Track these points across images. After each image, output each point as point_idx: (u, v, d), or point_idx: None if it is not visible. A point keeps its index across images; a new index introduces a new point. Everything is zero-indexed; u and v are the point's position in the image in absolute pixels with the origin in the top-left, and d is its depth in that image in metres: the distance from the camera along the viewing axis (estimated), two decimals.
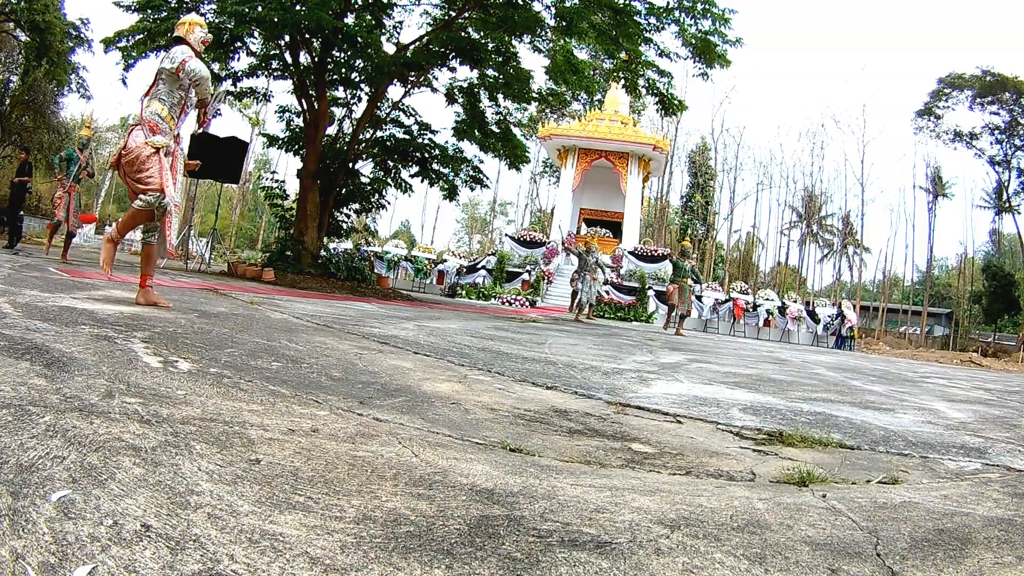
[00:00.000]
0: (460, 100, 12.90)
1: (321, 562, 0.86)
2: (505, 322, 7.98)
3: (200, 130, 4.23)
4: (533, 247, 22.93)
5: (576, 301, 12.29)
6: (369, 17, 12.11)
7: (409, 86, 12.89)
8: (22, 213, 10.90)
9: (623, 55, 11.36)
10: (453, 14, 11.75)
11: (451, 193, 14.16)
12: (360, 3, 11.98)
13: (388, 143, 13.45)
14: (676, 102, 12.14)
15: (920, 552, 1.13)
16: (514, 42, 11.63)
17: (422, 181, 13.90)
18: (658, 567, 0.97)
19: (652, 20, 10.83)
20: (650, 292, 19.47)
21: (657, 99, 12.32)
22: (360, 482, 1.22)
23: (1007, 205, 32.45)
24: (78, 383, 1.67)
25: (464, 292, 20.20)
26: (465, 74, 12.72)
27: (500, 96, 12.75)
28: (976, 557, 1.13)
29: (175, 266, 12.10)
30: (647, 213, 36.43)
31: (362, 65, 12.22)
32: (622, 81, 12.30)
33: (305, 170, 12.11)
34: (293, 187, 15.39)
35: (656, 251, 22.85)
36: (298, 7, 9.98)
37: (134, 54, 11.22)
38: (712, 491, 1.45)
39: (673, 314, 12.94)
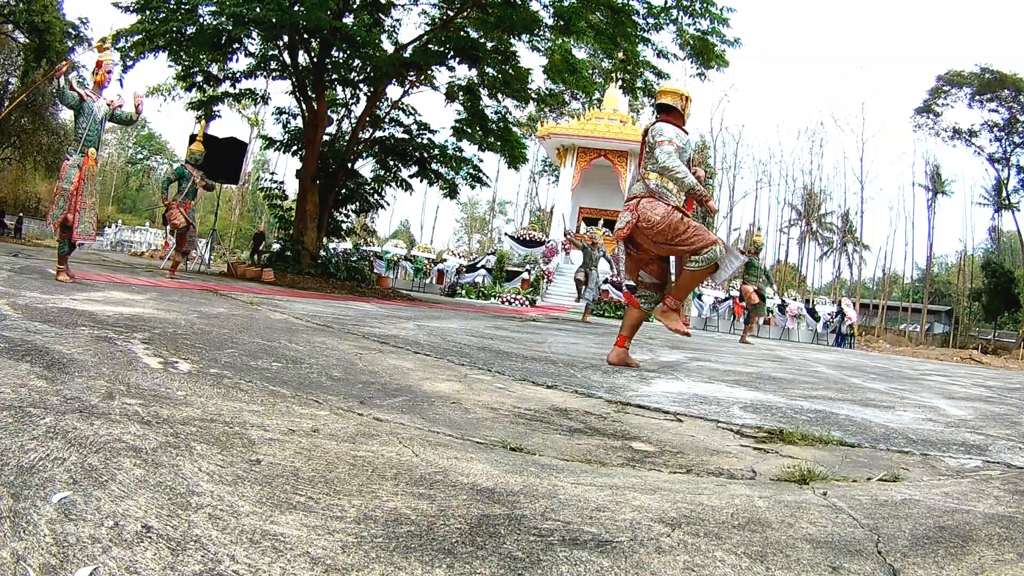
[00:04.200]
0: (461, 98, 12.90)
1: (322, 562, 0.86)
2: (505, 321, 7.98)
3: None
4: (532, 246, 22.93)
5: (587, 304, 12.08)
6: (367, 16, 12.11)
7: (408, 85, 12.89)
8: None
9: (620, 55, 11.36)
10: (451, 14, 11.75)
11: (451, 192, 14.20)
12: (359, 3, 11.97)
13: (388, 143, 13.45)
14: None
15: (921, 549, 1.13)
16: (513, 41, 11.63)
17: (421, 181, 13.92)
18: (659, 565, 0.97)
19: (650, 20, 10.83)
20: None
21: (653, 101, 12.30)
22: (361, 482, 1.22)
23: (1006, 202, 32.46)
24: (78, 384, 1.67)
25: (464, 291, 20.20)
26: (464, 73, 12.73)
27: (500, 95, 12.74)
28: (977, 554, 1.13)
29: None
30: None
31: (361, 65, 12.22)
32: (619, 82, 12.29)
33: (304, 171, 12.11)
34: (292, 188, 15.38)
35: None
36: (296, 7, 9.98)
37: (132, 55, 11.22)
38: (713, 489, 1.45)
39: (745, 319, 11.40)
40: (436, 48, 11.59)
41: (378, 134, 13.52)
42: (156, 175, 53.65)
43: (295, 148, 13.49)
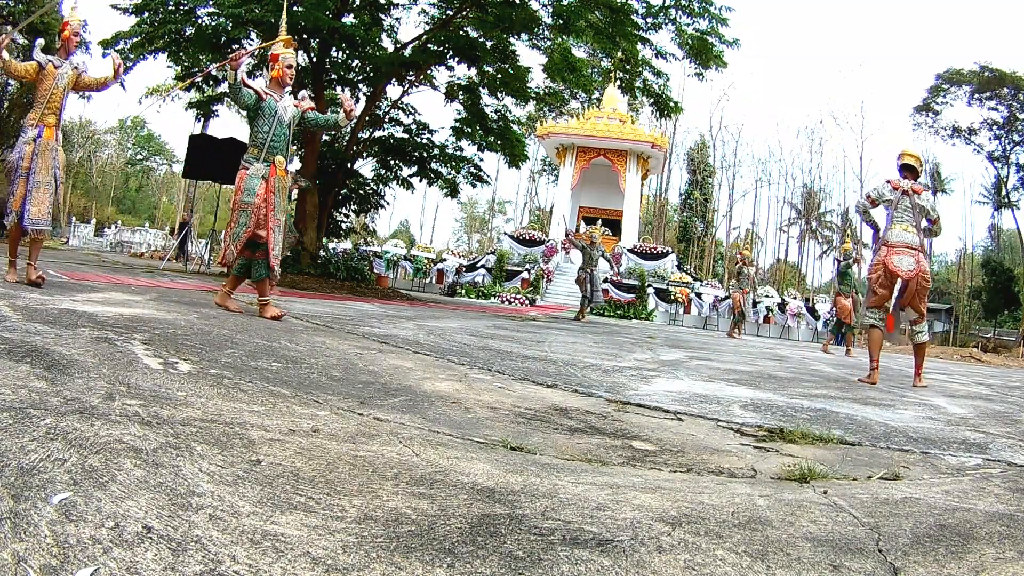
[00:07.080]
0: (460, 98, 12.90)
1: (323, 562, 0.86)
2: (505, 321, 7.98)
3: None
4: (532, 245, 22.92)
5: (583, 303, 11.96)
6: (367, 16, 12.10)
7: (408, 85, 12.88)
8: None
9: (619, 54, 11.36)
10: (451, 13, 11.74)
11: (452, 191, 14.22)
12: (358, 3, 11.97)
13: (388, 142, 13.45)
14: (672, 104, 12.12)
15: (922, 548, 1.13)
16: (512, 40, 11.62)
17: (421, 180, 13.93)
18: (660, 564, 0.97)
19: (649, 20, 10.83)
20: (649, 290, 19.46)
21: (652, 101, 12.31)
22: (361, 482, 1.22)
23: (1006, 200, 32.42)
24: (78, 385, 1.67)
25: (463, 291, 20.19)
26: (464, 72, 12.73)
27: (499, 93, 12.73)
28: (978, 552, 1.13)
29: (174, 267, 12.10)
30: (646, 211, 36.42)
31: (360, 65, 12.21)
32: (618, 81, 12.30)
33: (304, 171, 12.11)
34: None
35: (655, 248, 22.84)
36: (295, 8, 9.97)
37: (131, 57, 11.21)
38: (713, 488, 1.45)
39: (842, 329, 10.37)
40: (435, 47, 11.58)
41: (378, 134, 13.51)
42: (156, 175, 53.55)
43: (294, 148, 13.49)
